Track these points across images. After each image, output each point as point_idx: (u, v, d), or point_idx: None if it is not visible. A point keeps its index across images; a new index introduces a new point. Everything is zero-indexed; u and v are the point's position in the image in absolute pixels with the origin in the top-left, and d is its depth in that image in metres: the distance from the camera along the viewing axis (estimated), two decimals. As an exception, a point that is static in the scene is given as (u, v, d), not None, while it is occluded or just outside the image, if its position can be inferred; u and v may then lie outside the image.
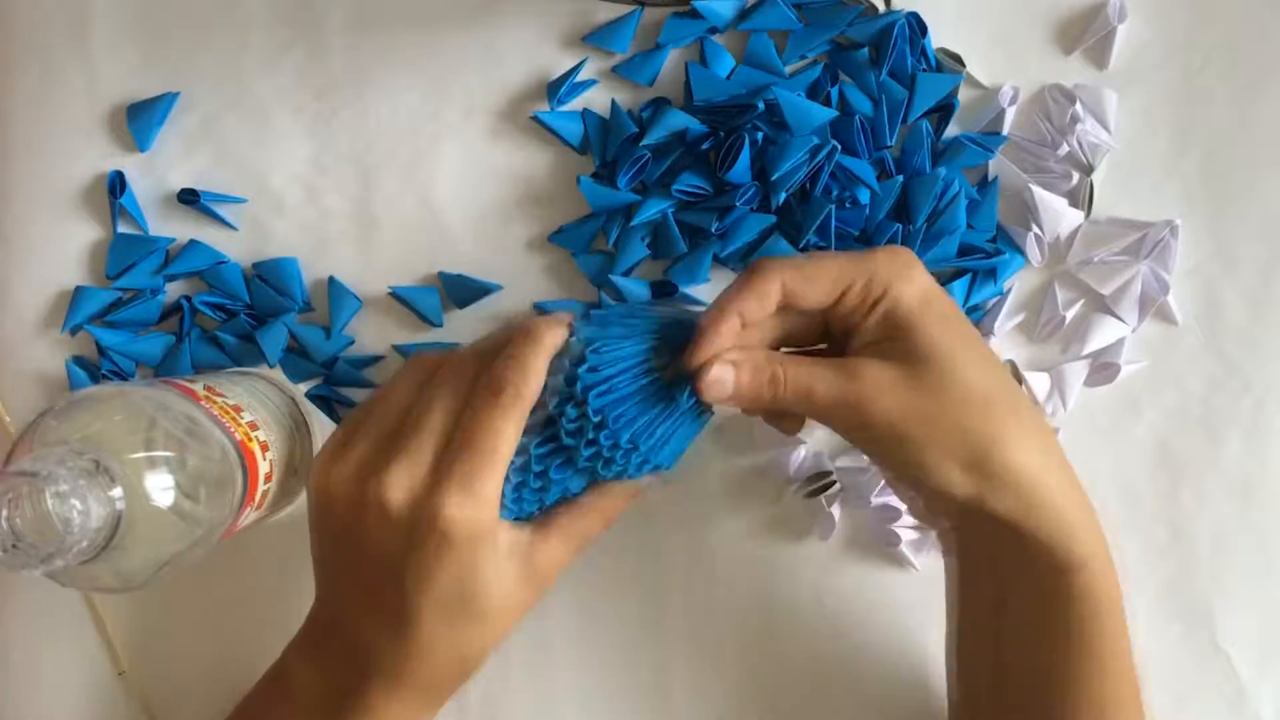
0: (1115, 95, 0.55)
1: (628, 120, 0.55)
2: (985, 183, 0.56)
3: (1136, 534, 0.56)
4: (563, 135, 0.56)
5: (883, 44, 0.55)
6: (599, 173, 0.56)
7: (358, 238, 0.57)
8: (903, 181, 0.55)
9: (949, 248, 0.55)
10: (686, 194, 0.55)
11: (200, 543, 0.43)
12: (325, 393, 0.57)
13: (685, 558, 0.57)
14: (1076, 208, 0.55)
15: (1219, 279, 0.56)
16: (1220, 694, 0.56)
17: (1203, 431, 0.56)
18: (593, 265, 0.56)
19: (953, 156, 0.55)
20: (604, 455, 0.45)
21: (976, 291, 0.56)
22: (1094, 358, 0.56)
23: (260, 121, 0.57)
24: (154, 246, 0.56)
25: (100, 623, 0.57)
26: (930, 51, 0.55)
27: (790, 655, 0.57)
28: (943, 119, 0.56)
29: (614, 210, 0.56)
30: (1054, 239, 0.55)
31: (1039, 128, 0.56)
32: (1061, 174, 0.56)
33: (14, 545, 0.36)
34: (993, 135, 0.56)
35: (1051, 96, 0.56)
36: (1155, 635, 0.56)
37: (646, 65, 0.56)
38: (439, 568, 0.43)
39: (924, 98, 0.55)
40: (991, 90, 0.56)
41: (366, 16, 0.57)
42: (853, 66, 0.55)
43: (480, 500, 0.43)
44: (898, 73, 0.55)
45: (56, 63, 0.57)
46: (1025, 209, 0.56)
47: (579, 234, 0.56)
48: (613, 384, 0.44)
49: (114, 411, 0.42)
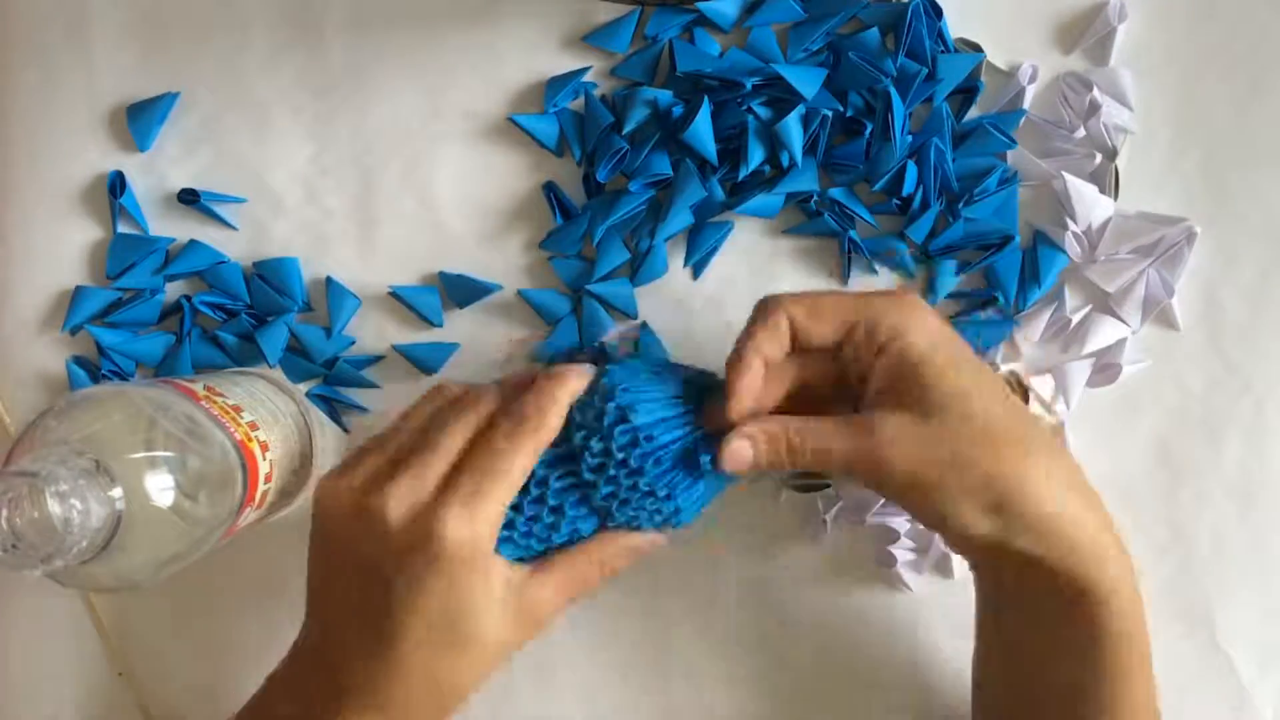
0: (1129, 73, 0.55)
1: (603, 110, 0.55)
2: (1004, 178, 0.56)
3: (1136, 534, 0.56)
4: (539, 138, 0.56)
5: (898, 27, 0.54)
6: (571, 191, 0.56)
7: (358, 238, 0.57)
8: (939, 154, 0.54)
9: (968, 230, 0.55)
10: (652, 184, 0.55)
11: (200, 543, 0.43)
12: (326, 393, 0.57)
13: (684, 560, 0.57)
14: (1104, 194, 0.55)
15: (1219, 279, 0.56)
16: (1220, 694, 0.56)
17: (1203, 431, 0.56)
18: (571, 270, 0.56)
19: (974, 143, 0.55)
20: (621, 495, 0.45)
21: (1026, 295, 0.56)
22: (1095, 357, 0.56)
23: (260, 121, 0.57)
24: (154, 246, 0.56)
25: (99, 624, 0.57)
26: (947, 34, 0.55)
27: (790, 657, 0.57)
28: (964, 102, 0.56)
29: (597, 212, 0.55)
30: (1086, 228, 0.55)
31: (1059, 112, 0.56)
32: (1085, 154, 0.55)
33: (14, 546, 0.36)
34: (1011, 113, 0.55)
35: (1068, 84, 0.56)
36: (1155, 635, 0.55)
37: (644, 64, 0.56)
38: (428, 584, 0.43)
39: (948, 78, 0.54)
40: (1010, 72, 0.56)
41: (366, 16, 0.57)
42: (863, 52, 0.54)
43: (479, 520, 0.43)
44: (915, 55, 0.54)
45: (56, 63, 0.57)
46: (1055, 201, 0.55)
47: (566, 238, 0.56)
48: (640, 426, 0.45)
49: (114, 411, 0.42)
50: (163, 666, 0.57)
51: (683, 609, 0.57)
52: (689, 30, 0.56)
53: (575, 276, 0.56)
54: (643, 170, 0.54)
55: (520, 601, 0.45)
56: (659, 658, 0.57)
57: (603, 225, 0.55)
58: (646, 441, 0.45)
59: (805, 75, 0.54)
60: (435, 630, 0.43)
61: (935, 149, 0.54)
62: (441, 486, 0.43)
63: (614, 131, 0.55)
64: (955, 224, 0.55)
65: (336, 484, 0.45)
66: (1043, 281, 0.55)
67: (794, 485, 0.56)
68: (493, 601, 0.44)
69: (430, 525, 0.42)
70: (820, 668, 0.57)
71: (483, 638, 0.44)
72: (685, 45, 0.55)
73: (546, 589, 0.46)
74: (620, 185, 0.56)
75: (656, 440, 0.45)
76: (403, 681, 0.44)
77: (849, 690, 0.57)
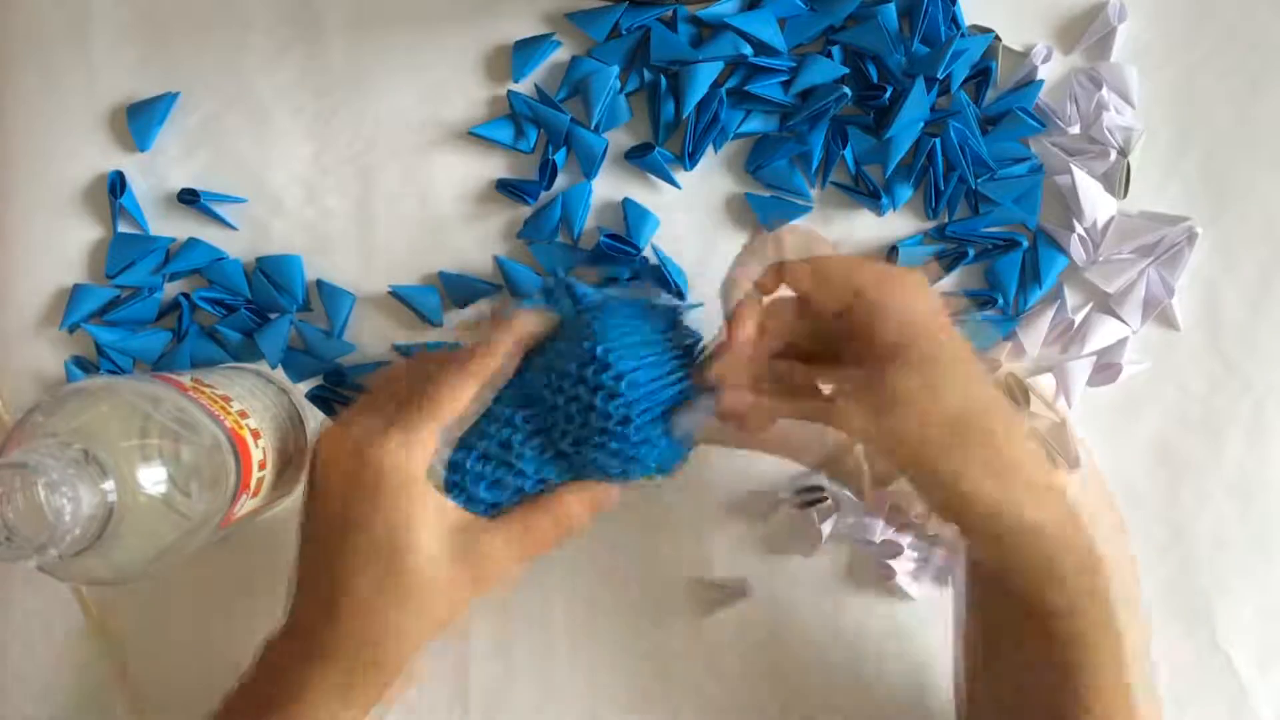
0: (1135, 70, 0.55)
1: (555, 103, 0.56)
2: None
3: (1136, 534, 0.56)
4: (500, 140, 0.56)
5: (913, 12, 0.55)
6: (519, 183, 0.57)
7: (358, 238, 0.57)
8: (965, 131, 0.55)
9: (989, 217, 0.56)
10: None
11: (195, 532, 0.43)
12: (326, 394, 0.57)
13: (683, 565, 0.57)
14: (1110, 192, 0.55)
15: (1219, 279, 0.56)
16: (1220, 694, 0.56)
17: (1203, 431, 0.56)
18: (549, 255, 0.56)
19: (1002, 129, 0.55)
20: (595, 441, 0.45)
21: (1027, 295, 0.56)
22: (1096, 357, 0.56)
23: (260, 121, 0.57)
24: (154, 246, 0.56)
25: (94, 622, 0.57)
26: (960, 18, 0.55)
27: (790, 670, 0.57)
28: (980, 86, 0.56)
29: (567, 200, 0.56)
30: (1090, 226, 0.55)
31: (1065, 107, 0.56)
32: (1098, 154, 0.55)
33: (8, 538, 0.37)
34: (1027, 86, 0.55)
35: (1078, 81, 0.56)
36: (1155, 635, 0.56)
37: (619, 50, 0.56)
38: (365, 514, 0.43)
39: (963, 61, 0.54)
40: (1024, 52, 0.56)
41: (366, 16, 0.57)
42: (872, 38, 0.54)
43: (411, 444, 0.43)
44: (930, 41, 0.55)
45: (56, 63, 0.57)
46: (1059, 200, 0.56)
47: (542, 224, 0.56)
48: (623, 372, 0.44)
49: (102, 403, 0.42)
50: (158, 664, 0.57)
51: (682, 624, 0.57)
52: (670, 20, 0.56)
53: (552, 260, 0.56)
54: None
55: (468, 548, 0.44)
56: (659, 679, 0.57)
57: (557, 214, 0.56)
58: (630, 389, 0.44)
59: (756, 19, 0.54)
60: (375, 561, 0.43)
61: (955, 129, 0.54)
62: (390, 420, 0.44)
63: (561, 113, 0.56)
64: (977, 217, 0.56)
65: (315, 445, 0.46)
66: (1043, 282, 0.55)
67: (792, 500, 0.56)
68: (433, 532, 0.44)
69: (371, 456, 0.43)
70: (820, 679, 0.57)
71: (422, 571, 0.43)
72: (662, 29, 0.55)
73: (497, 539, 0.45)
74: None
75: (641, 386, 0.45)
76: (347, 624, 0.43)
77: (849, 701, 0.57)
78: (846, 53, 0.55)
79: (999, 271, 0.55)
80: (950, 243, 0.56)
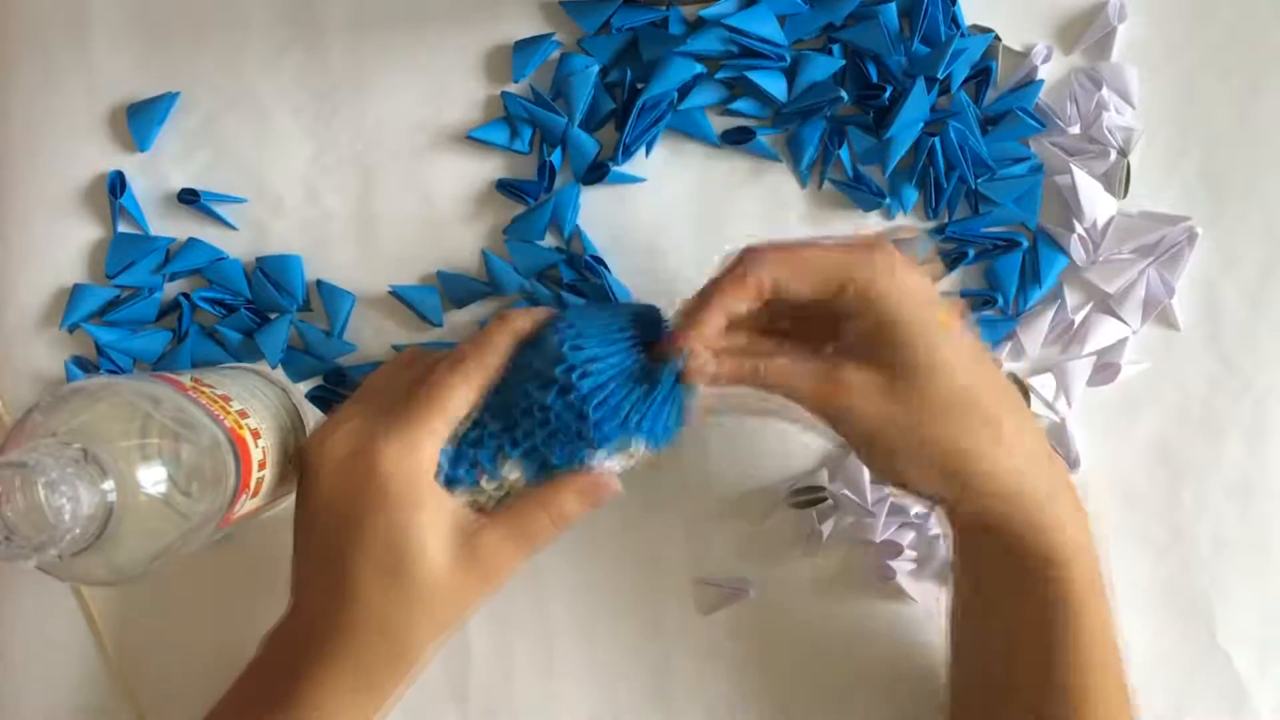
0: (1135, 70, 0.55)
1: (550, 104, 0.56)
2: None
3: (1137, 534, 0.56)
4: (495, 142, 0.56)
5: (913, 12, 0.54)
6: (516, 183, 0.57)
7: (358, 238, 0.57)
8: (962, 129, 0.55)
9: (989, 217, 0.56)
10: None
11: (195, 532, 0.43)
12: (326, 394, 0.57)
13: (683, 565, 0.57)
14: (1110, 192, 0.55)
15: (1219, 279, 0.56)
16: (1220, 694, 0.56)
17: (1203, 431, 0.56)
18: (524, 255, 0.56)
19: (1002, 129, 0.55)
20: (566, 423, 0.45)
21: (1027, 295, 0.56)
22: (1096, 357, 0.56)
23: (260, 121, 0.57)
24: (154, 246, 0.56)
25: (93, 622, 0.57)
26: (961, 18, 0.55)
27: (789, 670, 0.57)
28: (980, 86, 0.56)
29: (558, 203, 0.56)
30: (1090, 226, 0.55)
31: (1065, 107, 0.56)
32: (1098, 154, 0.55)
33: (7, 538, 0.37)
34: (1027, 86, 0.55)
35: (1078, 81, 0.56)
36: (1155, 635, 0.56)
37: (607, 46, 0.56)
38: (371, 518, 0.43)
39: (963, 61, 0.54)
40: (1024, 52, 0.56)
41: (366, 16, 0.57)
42: (871, 38, 0.54)
43: (415, 449, 0.44)
44: (930, 41, 0.55)
45: (56, 63, 0.57)
46: (1059, 201, 0.55)
47: (532, 224, 0.56)
48: (587, 353, 0.45)
49: (102, 402, 0.42)
50: (155, 664, 0.57)
51: (680, 627, 0.57)
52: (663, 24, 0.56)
53: (529, 263, 0.56)
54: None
55: (471, 547, 0.45)
56: (656, 637, 0.57)
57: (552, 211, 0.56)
58: (591, 364, 0.45)
59: (755, 16, 0.54)
60: (381, 566, 0.43)
61: (954, 129, 0.54)
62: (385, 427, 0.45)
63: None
64: (978, 216, 0.56)
65: (306, 444, 0.46)
66: (1043, 282, 0.55)
67: (792, 500, 0.56)
68: (437, 536, 0.44)
69: (369, 460, 0.43)
70: (821, 679, 0.57)
71: (428, 575, 0.44)
72: (651, 31, 0.55)
73: (497, 534, 0.45)
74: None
75: (601, 362, 0.45)
76: (354, 627, 0.43)
77: (849, 700, 0.56)
78: (847, 52, 0.55)
79: (999, 271, 0.55)
80: (950, 243, 0.56)
